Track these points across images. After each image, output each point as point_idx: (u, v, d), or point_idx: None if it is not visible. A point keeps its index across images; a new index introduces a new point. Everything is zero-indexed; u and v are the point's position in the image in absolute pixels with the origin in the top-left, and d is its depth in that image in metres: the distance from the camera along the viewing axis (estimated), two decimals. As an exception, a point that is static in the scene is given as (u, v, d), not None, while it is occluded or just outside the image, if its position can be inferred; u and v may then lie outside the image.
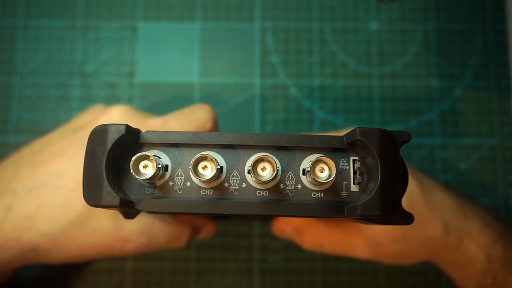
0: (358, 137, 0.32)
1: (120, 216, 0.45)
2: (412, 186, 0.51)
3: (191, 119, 0.47)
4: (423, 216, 0.51)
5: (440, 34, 0.65)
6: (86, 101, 0.63)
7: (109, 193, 0.30)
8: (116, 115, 0.47)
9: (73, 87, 0.63)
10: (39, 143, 0.49)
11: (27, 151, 0.49)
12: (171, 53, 0.64)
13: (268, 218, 0.58)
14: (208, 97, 0.63)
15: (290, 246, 0.60)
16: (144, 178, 0.31)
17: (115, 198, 0.30)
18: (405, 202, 0.35)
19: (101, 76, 0.63)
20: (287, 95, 0.63)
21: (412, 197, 0.50)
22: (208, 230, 0.55)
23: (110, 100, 0.63)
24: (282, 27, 0.65)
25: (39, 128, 0.62)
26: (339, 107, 0.63)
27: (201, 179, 0.31)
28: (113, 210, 0.44)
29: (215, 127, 0.49)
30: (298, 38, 0.64)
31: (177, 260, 0.60)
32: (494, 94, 0.63)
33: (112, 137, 0.31)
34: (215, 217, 0.58)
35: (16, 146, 0.60)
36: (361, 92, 0.63)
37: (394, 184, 0.31)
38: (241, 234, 0.61)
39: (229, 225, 0.61)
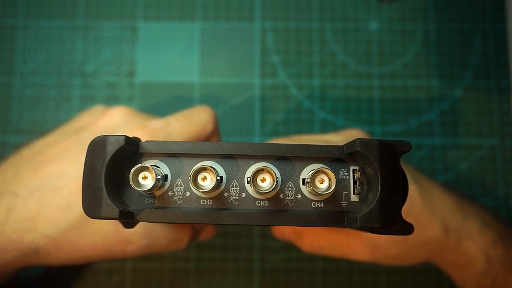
0: (358, 148, 0.31)
1: (121, 218, 0.45)
2: (411, 187, 0.50)
3: (192, 120, 0.47)
4: (423, 217, 0.51)
5: (440, 34, 0.65)
6: (86, 101, 0.62)
7: (108, 205, 0.31)
8: (117, 117, 0.47)
9: (73, 87, 0.63)
10: (39, 144, 0.49)
11: (27, 152, 0.49)
12: (171, 53, 0.64)
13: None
14: (208, 97, 0.63)
15: (290, 246, 0.60)
16: (144, 189, 0.31)
17: (114, 210, 0.30)
18: (405, 204, 0.35)
19: (101, 76, 0.63)
20: (287, 95, 0.63)
21: (411, 198, 0.50)
22: (208, 232, 0.55)
23: (110, 100, 0.63)
24: (282, 27, 0.65)
25: (39, 128, 0.62)
26: (339, 107, 0.63)
27: (200, 190, 0.31)
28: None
29: (216, 129, 0.49)
30: (298, 38, 0.64)
31: (177, 260, 0.60)
32: (494, 94, 0.63)
33: (111, 149, 0.31)
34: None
35: (16, 146, 0.60)
36: (361, 92, 0.63)
37: (394, 195, 0.31)
38: (241, 234, 0.61)
39: (229, 226, 0.61)
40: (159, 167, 0.33)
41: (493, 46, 0.64)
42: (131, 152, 0.33)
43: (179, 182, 0.33)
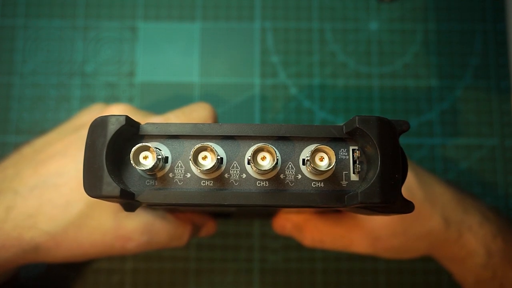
0: (357, 125, 0.32)
1: (121, 215, 0.45)
2: (411, 180, 0.51)
3: (191, 117, 0.47)
4: (423, 209, 0.51)
5: (440, 34, 0.65)
6: (86, 101, 0.63)
7: (109, 183, 0.30)
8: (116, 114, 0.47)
9: (73, 87, 0.63)
10: (39, 142, 0.50)
11: (27, 151, 0.49)
12: (171, 53, 0.64)
13: (268, 215, 0.58)
14: (208, 97, 0.63)
15: (290, 246, 0.60)
16: (144, 168, 0.31)
17: (115, 189, 0.30)
18: (405, 195, 0.35)
19: (101, 76, 0.63)
20: (287, 95, 0.63)
21: (411, 190, 0.50)
22: (208, 228, 0.55)
23: (110, 100, 0.63)
24: (282, 27, 0.65)
25: (39, 128, 0.62)
26: (339, 107, 0.63)
27: (201, 169, 0.31)
28: (113, 208, 0.44)
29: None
30: (298, 38, 0.64)
31: (177, 260, 0.60)
32: (494, 94, 0.63)
33: (112, 128, 0.31)
34: (216, 215, 0.58)
35: (16, 146, 0.60)
36: (361, 92, 0.63)
37: (394, 171, 0.31)
38: (241, 234, 0.61)
39: (229, 225, 0.61)
40: (160, 149, 0.33)
41: (493, 46, 0.64)
42: (131, 134, 0.33)
43: (179, 164, 0.33)
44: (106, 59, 0.64)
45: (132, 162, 0.31)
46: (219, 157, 0.32)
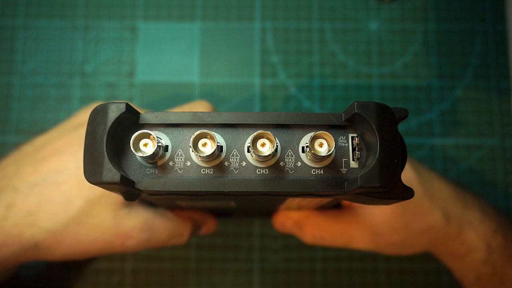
0: (356, 111, 0.32)
1: (121, 213, 0.45)
2: (410, 175, 0.51)
3: None
4: (423, 204, 0.51)
5: (440, 34, 0.65)
6: (86, 101, 0.62)
7: (110, 169, 0.30)
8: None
9: (73, 87, 0.63)
10: (39, 141, 0.50)
11: (28, 149, 0.49)
12: (171, 53, 0.64)
13: (268, 213, 0.58)
14: (208, 97, 0.63)
15: (290, 246, 0.60)
16: (144, 155, 0.31)
17: (116, 175, 0.30)
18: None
19: (101, 76, 0.63)
20: (287, 95, 0.63)
21: (411, 186, 0.50)
22: (209, 226, 0.55)
23: (110, 100, 0.62)
24: (282, 27, 0.65)
25: (39, 128, 0.61)
26: (339, 107, 0.63)
27: (201, 156, 0.31)
28: (113, 206, 0.44)
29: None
30: (298, 38, 0.65)
31: (177, 260, 0.60)
32: (494, 94, 0.63)
33: (112, 115, 0.31)
34: (216, 213, 0.58)
35: (16, 146, 0.60)
36: (361, 92, 0.63)
37: (393, 156, 0.31)
38: (241, 234, 0.61)
39: (229, 225, 0.61)
40: (161, 138, 0.33)
41: (493, 46, 0.64)
42: (131, 122, 0.33)
43: (179, 152, 0.33)
44: (106, 59, 0.64)
45: (132, 149, 0.31)
46: (218, 143, 0.32)
